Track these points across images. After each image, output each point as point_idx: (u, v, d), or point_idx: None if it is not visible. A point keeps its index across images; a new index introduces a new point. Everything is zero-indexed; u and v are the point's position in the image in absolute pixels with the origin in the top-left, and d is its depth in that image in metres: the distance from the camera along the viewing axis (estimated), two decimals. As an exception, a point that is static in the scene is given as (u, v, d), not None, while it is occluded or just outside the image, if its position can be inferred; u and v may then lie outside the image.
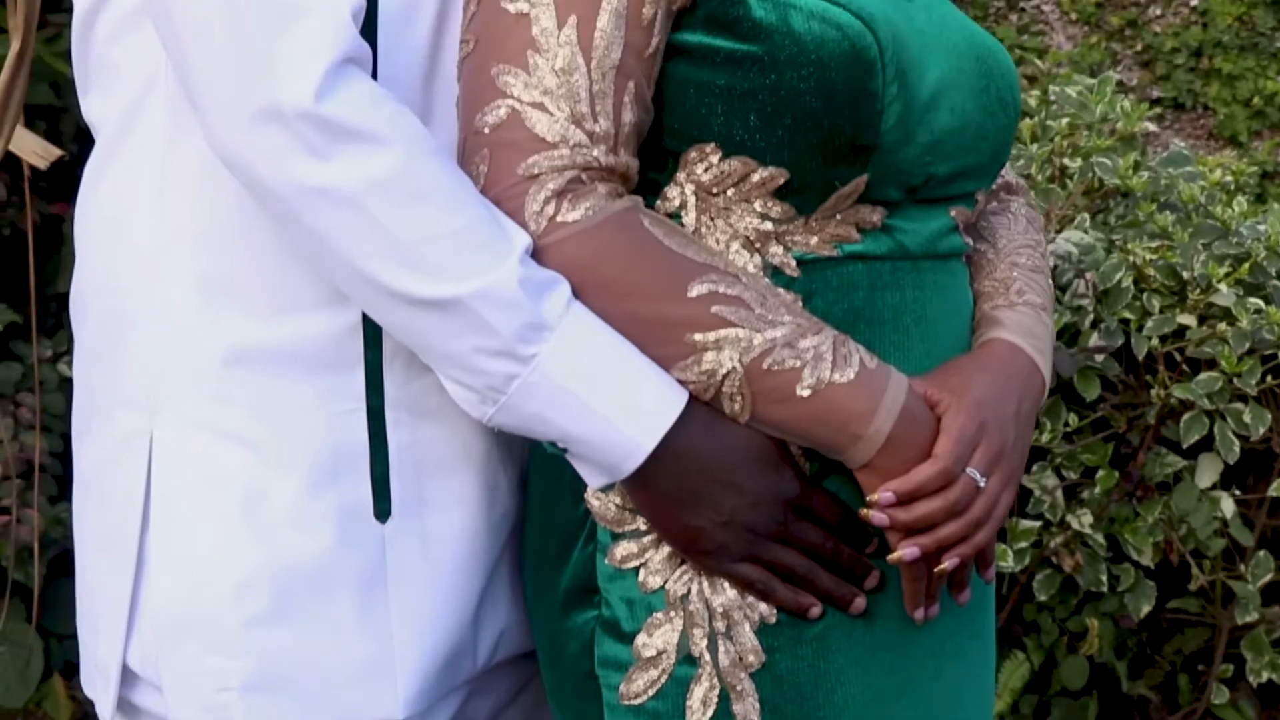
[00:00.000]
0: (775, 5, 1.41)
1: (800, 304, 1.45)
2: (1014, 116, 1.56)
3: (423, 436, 1.48)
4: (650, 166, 1.46)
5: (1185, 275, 3.02)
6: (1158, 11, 4.59)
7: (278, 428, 1.43)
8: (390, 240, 1.32)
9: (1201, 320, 3.07)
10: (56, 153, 2.52)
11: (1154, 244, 3.07)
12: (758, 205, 1.45)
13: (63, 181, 3.13)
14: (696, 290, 1.38)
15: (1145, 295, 3.06)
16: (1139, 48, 4.61)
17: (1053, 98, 3.43)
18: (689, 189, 1.46)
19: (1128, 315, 3.07)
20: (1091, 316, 3.05)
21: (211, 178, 1.40)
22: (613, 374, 1.36)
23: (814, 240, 1.46)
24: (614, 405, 1.36)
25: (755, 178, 1.44)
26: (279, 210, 1.35)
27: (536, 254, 1.38)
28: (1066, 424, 3.00)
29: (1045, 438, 2.97)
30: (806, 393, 1.39)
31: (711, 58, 1.42)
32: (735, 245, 1.45)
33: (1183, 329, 3.05)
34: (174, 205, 1.44)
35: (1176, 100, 4.55)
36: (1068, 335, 3.07)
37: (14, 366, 3.03)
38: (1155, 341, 3.03)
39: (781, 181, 1.43)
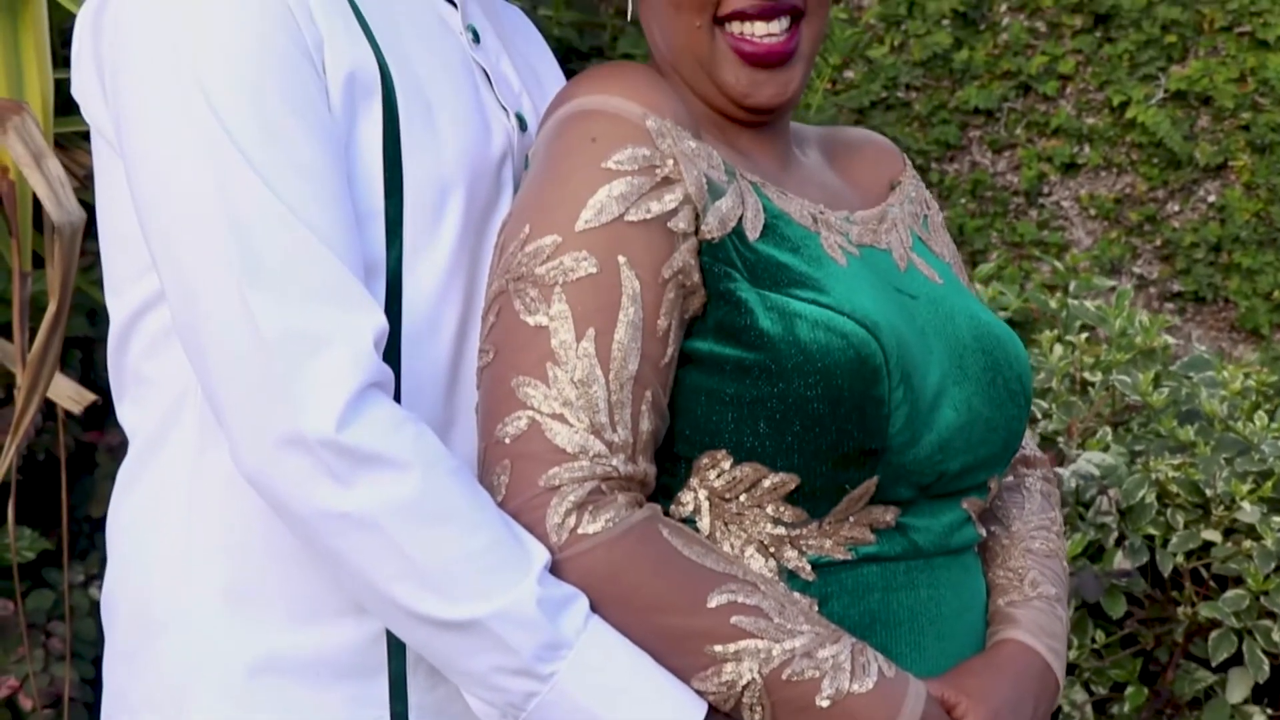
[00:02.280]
0: (781, 315, 1.45)
1: (816, 609, 1.47)
2: (1024, 405, 1.58)
3: (446, 740, 1.49)
4: (664, 471, 1.49)
5: (1209, 492, 3.03)
6: (1176, 208, 4.65)
7: (302, 737, 1.45)
8: (410, 563, 1.36)
9: (1227, 534, 3.07)
10: (90, 397, 2.57)
11: (1176, 460, 3.09)
12: (770, 510, 1.47)
13: (97, 409, 3.18)
14: (716, 601, 1.41)
15: (1169, 511, 3.07)
16: (1158, 242, 4.66)
17: (1073, 308, 3.47)
18: (702, 494, 1.48)
19: (1152, 531, 3.07)
20: (1115, 534, 3.06)
21: (239, 490, 1.44)
22: (630, 691, 1.38)
23: (828, 543, 1.48)
24: (631, 723, 1.38)
25: (767, 483, 1.46)
26: (302, 532, 1.38)
27: (557, 566, 1.40)
28: (1093, 640, 2.99)
29: (1073, 653, 2.97)
30: (826, 703, 1.40)
31: (721, 366, 1.46)
32: (750, 550, 1.48)
33: (1208, 545, 3.05)
34: (202, 515, 1.48)
35: (1197, 294, 4.59)
36: (1091, 550, 3.07)
37: (46, 594, 3.06)
38: (1180, 558, 3.03)
39: (793, 486, 1.46)
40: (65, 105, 2.91)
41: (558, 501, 1.40)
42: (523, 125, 1.60)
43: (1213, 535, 3.05)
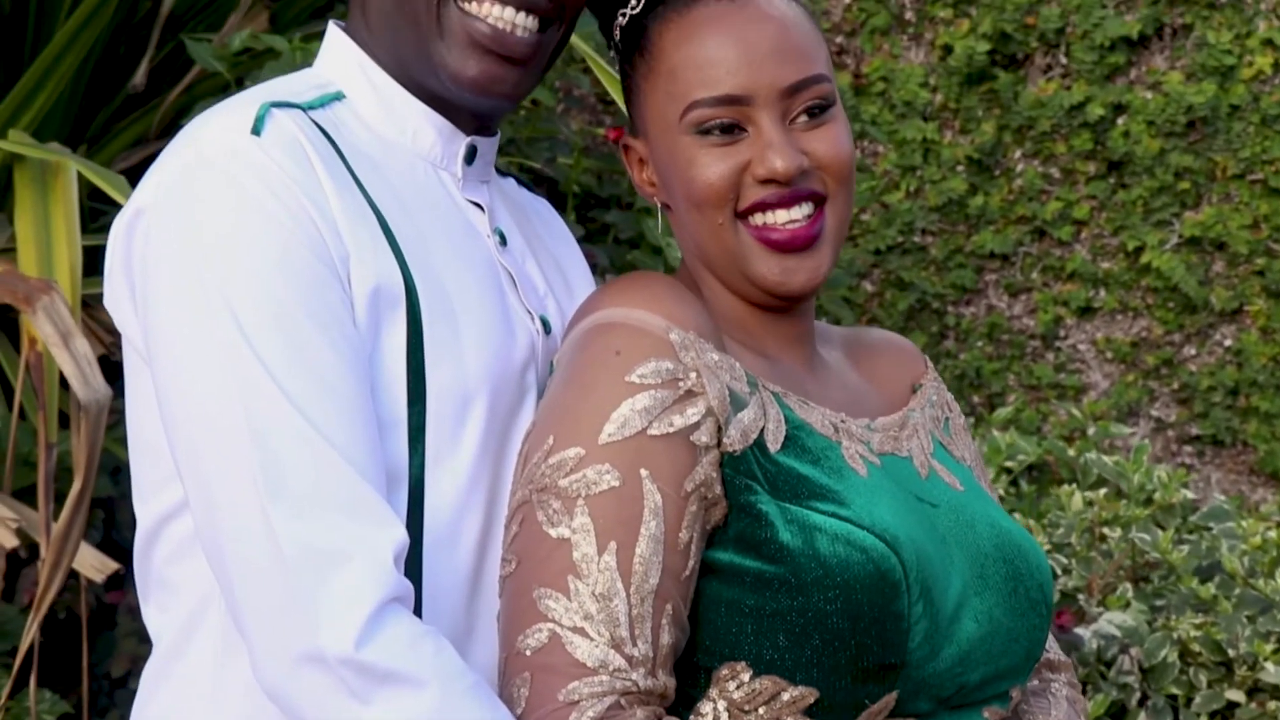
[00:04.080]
0: (802, 529, 1.45)
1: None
2: (1046, 615, 1.58)
3: None
4: (684, 682, 1.49)
5: (1231, 652, 3.02)
6: (1192, 351, 4.67)
7: None
8: None
9: (1250, 695, 3.05)
10: (113, 566, 2.58)
11: (1198, 619, 3.08)
12: (789, 723, 1.47)
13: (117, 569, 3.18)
14: None
15: (1192, 670, 3.05)
16: (1175, 386, 4.67)
17: (1090, 462, 3.47)
18: (721, 705, 1.48)
19: (1175, 691, 3.05)
20: (1138, 694, 3.04)
21: (260, 697, 1.44)
22: None
23: (845, 755, 1.48)
24: None
25: (785, 696, 1.46)
26: (322, 748, 1.39)
27: (574, 782, 1.40)
28: (1119, 803, 2.97)
29: (1099, 817, 2.94)
30: None
31: (741, 577, 1.46)
32: (768, 761, 1.47)
33: (1232, 705, 3.03)
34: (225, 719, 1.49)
35: (1215, 438, 4.59)
36: (1114, 711, 3.05)
37: (66, 757, 3.04)
38: (1205, 719, 3.01)
39: (812, 700, 1.46)
40: (94, 265, 2.96)
41: (576, 716, 1.40)
42: (547, 328, 1.62)
43: (1236, 695, 3.03)
